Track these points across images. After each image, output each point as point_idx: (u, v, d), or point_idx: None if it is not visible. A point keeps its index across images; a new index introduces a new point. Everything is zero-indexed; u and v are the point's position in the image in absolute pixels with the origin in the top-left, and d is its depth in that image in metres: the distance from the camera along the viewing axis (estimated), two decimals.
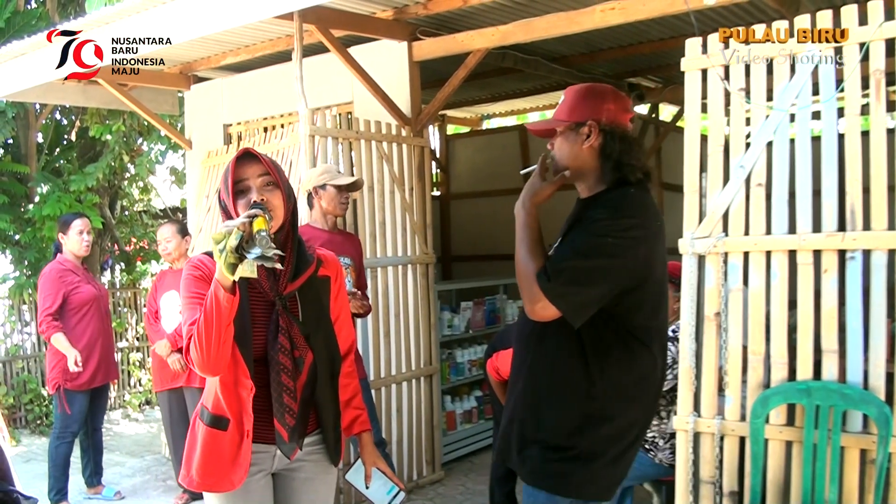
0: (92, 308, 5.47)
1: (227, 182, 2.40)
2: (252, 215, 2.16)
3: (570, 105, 2.44)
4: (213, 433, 2.46)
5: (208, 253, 2.48)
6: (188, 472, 2.52)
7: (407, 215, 5.73)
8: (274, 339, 2.42)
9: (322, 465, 2.64)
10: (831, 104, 3.44)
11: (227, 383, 2.42)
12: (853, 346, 3.36)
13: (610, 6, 4.65)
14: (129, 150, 8.99)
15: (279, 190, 2.41)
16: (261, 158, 2.42)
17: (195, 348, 2.25)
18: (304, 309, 2.51)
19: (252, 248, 2.11)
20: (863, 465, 3.32)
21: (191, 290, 2.41)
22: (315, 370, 2.50)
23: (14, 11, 8.17)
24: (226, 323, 2.23)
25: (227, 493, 2.49)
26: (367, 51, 5.83)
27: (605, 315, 2.30)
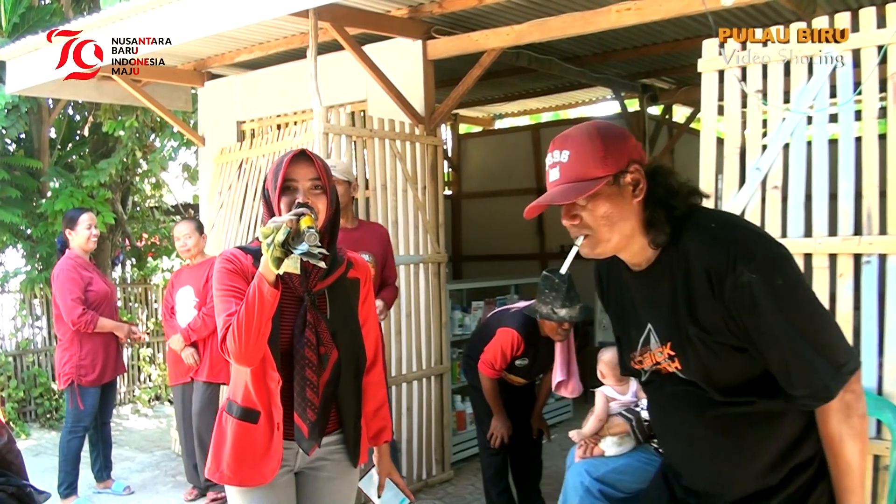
0: (104, 303, 5.48)
1: (276, 178, 2.43)
2: (300, 213, 2.23)
3: (600, 153, 1.82)
4: (244, 426, 2.49)
5: (240, 247, 2.56)
6: (217, 466, 2.53)
7: (419, 214, 5.72)
8: (301, 333, 2.45)
9: (344, 465, 2.65)
10: (848, 107, 3.43)
11: (257, 376, 2.45)
12: (868, 351, 3.35)
13: (626, 6, 4.64)
14: (141, 146, 9.00)
15: (325, 196, 2.46)
16: (314, 162, 2.46)
17: (234, 339, 2.29)
18: (332, 307, 2.53)
19: (298, 244, 2.19)
20: (876, 471, 3.30)
21: (224, 282, 2.45)
22: (339, 368, 2.51)
23: (28, 7, 8.19)
24: (268, 315, 2.29)
25: (252, 490, 2.51)
26: (381, 49, 5.83)
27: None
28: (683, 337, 1.85)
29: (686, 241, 1.87)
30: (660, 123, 9.06)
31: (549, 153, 1.87)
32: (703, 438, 1.94)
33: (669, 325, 1.89)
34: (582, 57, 7.22)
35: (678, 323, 1.86)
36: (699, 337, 1.82)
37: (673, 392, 1.97)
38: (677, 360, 1.89)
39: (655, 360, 1.95)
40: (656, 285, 1.91)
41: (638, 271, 1.96)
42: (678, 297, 1.86)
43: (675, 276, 1.87)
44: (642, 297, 1.97)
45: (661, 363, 1.93)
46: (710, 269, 1.80)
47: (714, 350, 1.83)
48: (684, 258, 1.86)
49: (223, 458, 2.52)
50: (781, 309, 1.76)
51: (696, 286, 1.82)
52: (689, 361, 1.87)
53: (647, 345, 1.97)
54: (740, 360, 1.84)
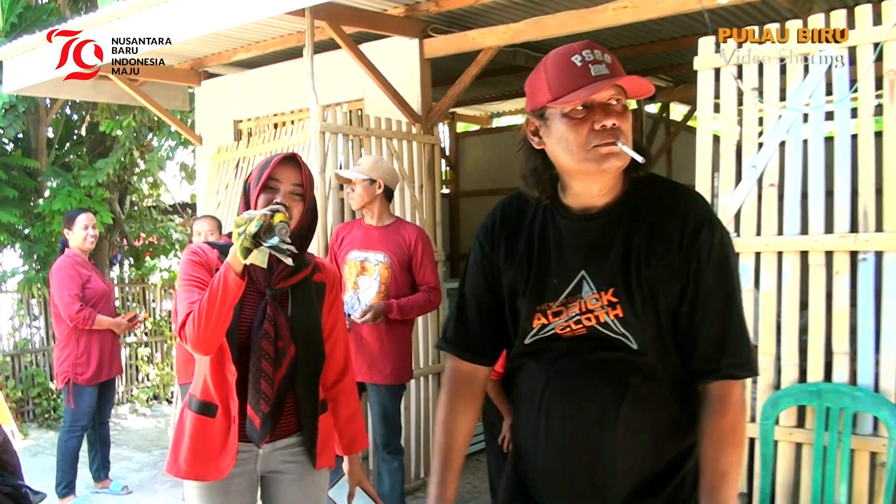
0: (101, 302, 5.48)
1: (260, 174, 2.48)
2: (275, 209, 2.30)
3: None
4: (202, 420, 2.52)
5: (209, 242, 2.63)
6: (175, 460, 2.56)
7: (416, 213, 5.71)
8: (259, 324, 2.48)
9: (307, 467, 2.65)
10: (845, 104, 3.43)
11: (215, 369, 2.49)
12: (864, 348, 3.35)
13: (622, 4, 4.63)
14: (139, 146, 8.99)
15: (303, 203, 2.52)
16: (302, 168, 2.52)
17: (193, 325, 2.34)
18: (294, 306, 2.57)
19: (269, 238, 2.24)
20: (873, 468, 3.31)
21: (189, 273, 2.50)
22: (295, 365, 2.53)
23: (26, 7, 8.18)
24: (230, 304, 2.33)
25: (208, 487, 2.53)
26: (378, 48, 5.82)
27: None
28: (633, 282, 1.75)
29: (655, 187, 1.83)
30: (657, 121, 9.06)
31: (585, 51, 1.73)
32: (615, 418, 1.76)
33: (617, 270, 1.77)
34: None
35: (630, 267, 1.76)
36: (651, 281, 1.75)
37: (584, 359, 1.80)
38: (619, 307, 1.75)
39: (586, 307, 1.78)
40: (611, 227, 1.80)
41: (587, 213, 1.83)
42: (637, 240, 1.78)
43: (638, 219, 1.80)
44: (581, 242, 1.82)
45: (595, 310, 1.77)
46: (684, 218, 1.76)
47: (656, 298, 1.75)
48: (652, 203, 1.81)
49: (181, 453, 2.54)
50: (729, 282, 1.79)
51: (660, 233, 1.77)
52: (635, 307, 1.75)
53: (576, 292, 1.80)
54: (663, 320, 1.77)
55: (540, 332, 1.84)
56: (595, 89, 1.68)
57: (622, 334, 1.76)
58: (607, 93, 1.71)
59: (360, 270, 4.44)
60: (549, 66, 1.79)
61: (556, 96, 1.73)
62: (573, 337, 1.80)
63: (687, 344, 1.78)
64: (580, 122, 1.71)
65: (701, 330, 1.76)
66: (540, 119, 1.82)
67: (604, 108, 1.71)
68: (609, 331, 1.77)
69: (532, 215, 1.92)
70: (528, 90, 1.86)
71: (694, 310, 1.76)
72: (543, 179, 1.87)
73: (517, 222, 1.94)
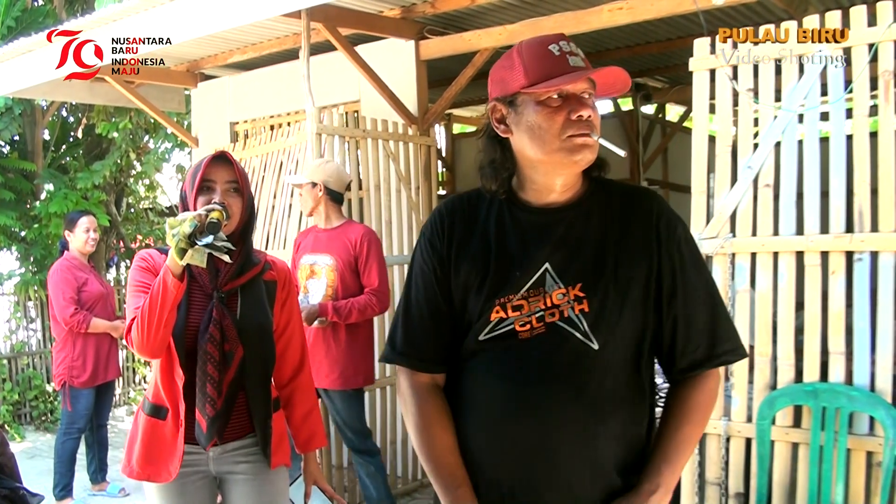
0: (98, 305, 5.48)
1: (194, 177, 2.50)
2: (210, 209, 2.32)
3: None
4: (153, 422, 2.55)
5: (157, 248, 2.64)
6: (129, 462, 2.58)
7: (413, 214, 5.72)
8: (205, 328, 2.49)
9: (261, 466, 2.66)
10: (840, 105, 3.44)
11: (165, 373, 2.51)
12: (860, 347, 3.36)
13: (618, 6, 4.64)
14: (135, 148, 8.99)
15: (241, 197, 2.54)
16: (234, 165, 2.54)
17: (137, 329, 2.37)
18: (243, 307, 2.57)
19: (203, 238, 2.25)
20: (869, 468, 3.31)
21: (136, 279, 2.52)
22: (244, 367, 2.54)
23: (23, 9, 8.18)
24: (170, 306, 2.35)
25: (164, 489, 2.55)
26: (374, 49, 5.82)
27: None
28: (606, 278, 1.72)
29: (615, 187, 1.83)
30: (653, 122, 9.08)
31: (561, 41, 1.72)
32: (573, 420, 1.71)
33: (586, 265, 1.73)
34: None
35: (600, 262, 1.73)
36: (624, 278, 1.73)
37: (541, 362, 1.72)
38: (586, 302, 1.71)
39: (551, 302, 1.72)
40: (575, 222, 1.78)
41: (547, 207, 1.79)
42: (606, 236, 1.76)
43: (604, 215, 1.78)
44: (543, 234, 1.77)
45: (560, 305, 1.71)
46: (659, 215, 1.77)
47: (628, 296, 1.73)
48: (616, 201, 1.80)
49: (134, 454, 2.57)
50: (707, 272, 1.84)
51: (630, 229, 1.76)
52: (606, 302, 1.71)
53: (539, 286, 1.73)
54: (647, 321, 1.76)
55: (497, 328, 1.75)
56: (575, 77, 1.67)
57: (584, 332, 1.71)
58: (582, 85, 1.71)
59: (309, 274, 4.40)
60: (524, 52, 1.73)
61: (533, 82, 1.69)
62: (530, 337, 1.73)
63: (680, 338, 1.77)
64: (555, 110, 1.69)
65: (694, 323, 1.77)
66: (509, 106, 1.75)
67: (579, 99, 1.69)
68: (572, 328, 1.71)
69: (486, 210, 1.84)
70: (497, 77, 1.80)
71: (686, 304, 1.76)
72: (501, 172, 1.81)
73: (469, 217, 1.85)
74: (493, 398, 1.75)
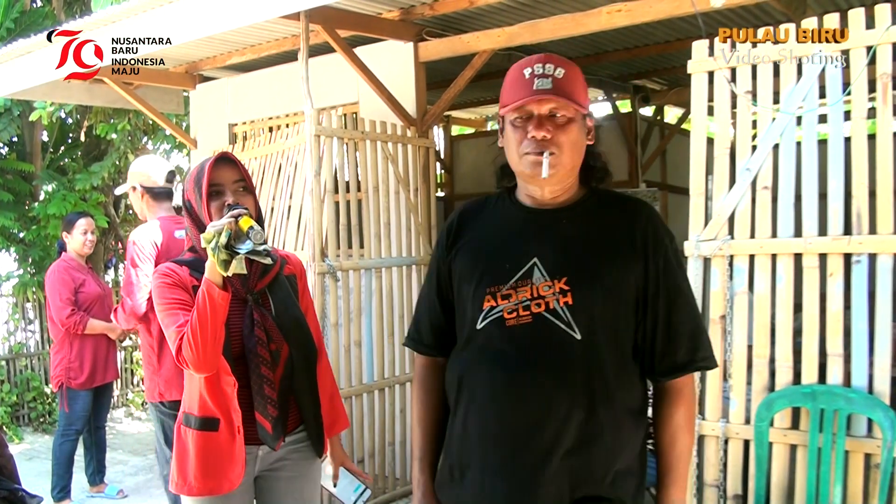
0: (95, 306, 5.48)
1: (200, 185, 2.47)
2: (237, 214, 2.27)
3: (584, 87, 1.93)
4: (205, 436, 2.50)
5: (174, 261, 2.59)
6: (184, 480, 2.53)
7: (412, 216, 5.72)
8: (250, 332, 2.48)
9: (305, 463, 2.67)
10: (838, 107, 3.44)
11: (211, 383, 2.46)
12: (858, 349, 3.36)
13: (616, 8, 4.65)
14: (134, 149, 8.98)
15: (251, 195, 2.53)
16: (237, 164, 2.54)
17: (190, 347, 2.31)
18: (276, 304, 2.57)
19: (240, 244, 2.23)
20: (867, 470, 3.32)
21: (167, 296, 2.47)
22: (291, 363, 2.55)
23: (22, 11, 8.19)
24: (221, 319, 2.32)
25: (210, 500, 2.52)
26: (372, 51, 5.83)
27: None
28: (589, 273, 1.86)
29: (611, 198, 1.99)
30: (651, 124, 9.07)
31: (536, 65, 1.87)
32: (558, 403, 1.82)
33: (571, 261, 1.88)
34: (573, 58, 7.22)
35: (585, 260, 1.89)
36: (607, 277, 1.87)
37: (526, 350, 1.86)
38: (570, 295, 1.84)
39: (537, 293, 1.86)
40: (566, 223, 1.93)
41: (543, 209, 1.96)
42: (594, 238, 1.91)
43: (594, 220, 1.94)
44: (535, 231, 1.94)
45: (546, 297, 1.85)
46: (644, 227, 1.91)
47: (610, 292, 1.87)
48: (609, 209, 1.96)
49: (188, 471, 2.52)
50: (689, 285, 1.98)
51: (619, 235, 1.91)
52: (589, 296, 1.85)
53: (527, 277, 1.88)
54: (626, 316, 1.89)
55: (489, 315, 1.90)
56: (523, 103, 1.85)
57: (567, 322, 1.84)
58: (548, 105, 1.85)
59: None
60: (508, 74, 1.93)
61: (502, 104, 1.90)
62: (516, 325, 1.86)
63: (661, 342, 1.91)
64: (519, 129, 1.88)
65: (679, 328, 1.91)
66: (502, 121, 1.96)
67: (540, 119, 1.84)
68: (556, 318, 1.84)
69: (490, 210, 2.06)
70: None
71: (669, 310, 1.90)
72: (508, 174, 2.03)
73: (474, 218, 2.07)
74: (482, 381, 1.90)
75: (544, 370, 1.84)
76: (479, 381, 1.91)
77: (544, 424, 1.82)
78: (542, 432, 1.82)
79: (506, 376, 1.86)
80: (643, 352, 1.92)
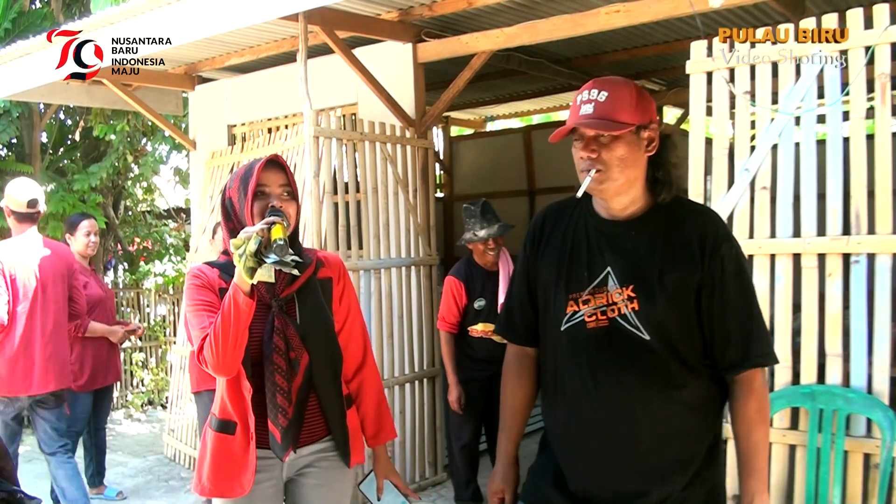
0: (97, 308, 5.48)
1: (246, 184, 2.45)
2: (270, 223, 2.25)
3: (634, 103, 2.07)
4: (222, 438, 2.50)
5: (207, 262, 2.59)
6: (199, 479, 2.55)
7: (411, 217, 5.72)
8: (269, 339, 2.45)
9: (334, 472, 2.64)
10: (836, 108, 3.44)
11: (231, 387, 2.46)
12: (857, 349, 3.36)
13: (615, 9, 4.65)
14: (132, 151, 8.99)
15: (294, 201, 2.50)
16: (286, 169, 2.51)
17: (211, 350, 2.31)
18: (302, 311, 2.53)
19: (270, 253, 2.21)
20: (866, 470, 3.32)
21: (195, 297, 2.47)
22: (311, 372, 2.51)
23: (20, 12, 8.18)
24: (244, 325, 2.30)
25: (233, 501, 2.51)
26: (371, 52, 5.83)
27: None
28: (652, 280, 2.08)
29: (678, 207, 2.17)
30: None
31: (584, 91, 2.09)
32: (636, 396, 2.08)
33: (638, 270, 2.11)
34: (572, 59, 7.23)
35: (650, 269, 2.10)
36: (667, 283, 2.07)
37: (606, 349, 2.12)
38: (636, 301, 2.08)
39: (611, 300, 2.11)
40: (635, 234, 2.14)
41: (614, 220, 2.17)
42: (658, 248, 2.11)
43: (659, 231, 2.13)
44: (608, 242, 2.16)
45: (618, 303, 2.10)
46: (704, 235, 2.10)
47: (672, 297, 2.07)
48: (674, 220, 2.14)
49: (204, 471, 2.53)
50: (749, 286, 2.16)
51: (680, 244, 2.10)
52: (652, 302, 2.07)
53: (603, 285, 2.13)
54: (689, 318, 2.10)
55: (572, 319, 2.17)
56: (567, 128, 2.08)
57: (636, 326, 2.08)
58: (590, 129, 2.06)
59: None
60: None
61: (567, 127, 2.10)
62: (596, 327, 2.12)
63: (718, 342, 2.10)
64: (577, 149, 2.10)
65: (731, 328, 2.09)
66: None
67: (587, 141, 2.08)
68: (626, 322, 2.09)
69: (568, 219, 2.27)
70: None
71: (723, 312, 2.09)
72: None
73: (555, 225, 2.30)
74: (569, 377, 2.18)
75: (620, 368, 2.10)
76: (569, 377, 2.18)
77: (623, 414, 2.09)
78: (621, 421, 2.10)
79: (589, 373, 2.13)
80: (710, 350, 2.12)
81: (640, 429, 2.09)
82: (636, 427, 2.09)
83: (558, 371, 2.22)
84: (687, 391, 2.10)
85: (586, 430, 2.15)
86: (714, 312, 2.09)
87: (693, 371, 2.11)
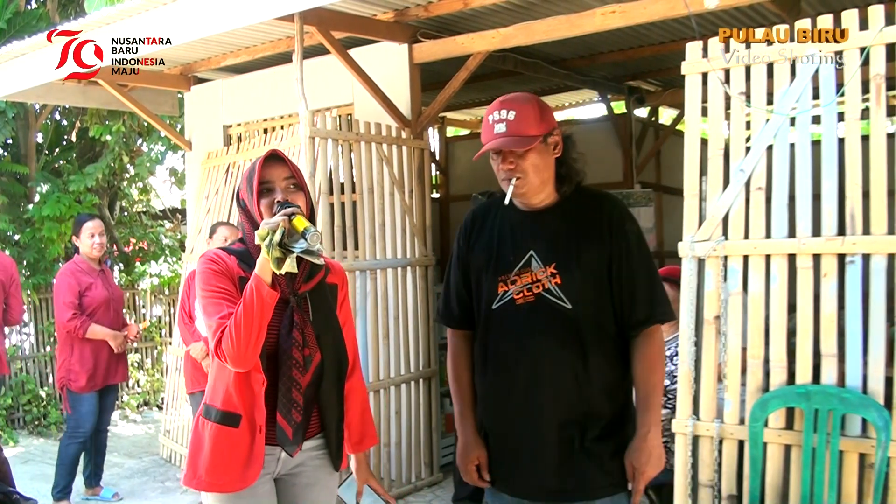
0: (100, 310, 5.48)
1: (251, 182, 2.46)
2: (291, 212, 2.28)
3: (538, 117, 2.43)
4: (224, 430, 2.46)
5: (222, 248, 2.56)
6: (195, 473, 2.50)
7: (406, 217, 5.73)
8: (288, 333, 2.45)
9: (323, 471, 2.64)
10: (831, 108, 3.45)
11: (239, 378, 2.43)
12: (852, 350, 3.37)
13: (610, 9, 4.65)
14: (128, 151, 8.98)
15: (302, 192, 2.51)
16: (287, 161, 2.51)
17: (231, 342, 2.29)
18: (315, 310, 2.53)
19: (294, 242, 2.24)
20: (861, 470, 3.32)
21: (212, 283, 2.44)
22: (321, 371, 2.51)
23: (15, 12, 8.17)
24: (267, 317, 2.31)
25: (234, 496, 2.48)
26: (367, 53, 5.83)
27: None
28: (571, 258, 2.44)
29: (584, 195, 2.55)
30: (646, 125, 9.08)
31: (494, 111, 2.44)
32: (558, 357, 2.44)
33: (558, 251, 2.46)
34: (568, 60, 7.24)
35: (568, 249, 2.46)
36: (584, 259, 2.44)
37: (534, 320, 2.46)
38: (559, 277, 2.44)
39: (535, 277, 2.46)
40: (551, 221, 2.51)
41: (532, 211, 2.53)
42: (572, 231, 2.48)
43: (571, 216, 2.50)
44: (529, 230, 2.52)
45: (542, 279, 2.45)
46: (610, 216, 2.49)
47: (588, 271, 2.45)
48: (582, 205, 2.52)
49: (200, 465, 2.49)
50: (649, 257, 2.55)
51: (591, 225, 2.48)
52: (572, 276, 2.43)
53: (527, 266, 2.48)
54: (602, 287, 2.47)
55: (503, 298, 2.51)
56: (485, 149, 2.46)
57: (559, 297, 2.44)
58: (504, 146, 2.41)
59: None
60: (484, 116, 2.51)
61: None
62: (524, 303, 2.48)
63: (626, 303, 2.47)
64: (495, 161, 2.50)
65: (636, 292, 2.47)
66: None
67: (504, 155, 2.45)
68: (551, 295, 2.45)
69: (494, 214, 2.63)
70: None
71: (630, 278, 2.47)
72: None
73: (483, 220, 2.66)
74: (502, 348, 2.52)
75: (547, 334, 2.45)
76: (500, 346, 2.52)
77: (546, 373, 2.45)
78: (545, 379, 2.45)
79: (516, 340, 2.48)
80: (619, 312, 2.48)
81: (560, 385, 2.44)
82: (558, 383, 2.43)
83: (489, 343, 2.56)
84: (601, 351, 2.46)
85: (513, 388, 2.49)
86: (623, 279, 2.46)
87: (607, 333, 2.48)
